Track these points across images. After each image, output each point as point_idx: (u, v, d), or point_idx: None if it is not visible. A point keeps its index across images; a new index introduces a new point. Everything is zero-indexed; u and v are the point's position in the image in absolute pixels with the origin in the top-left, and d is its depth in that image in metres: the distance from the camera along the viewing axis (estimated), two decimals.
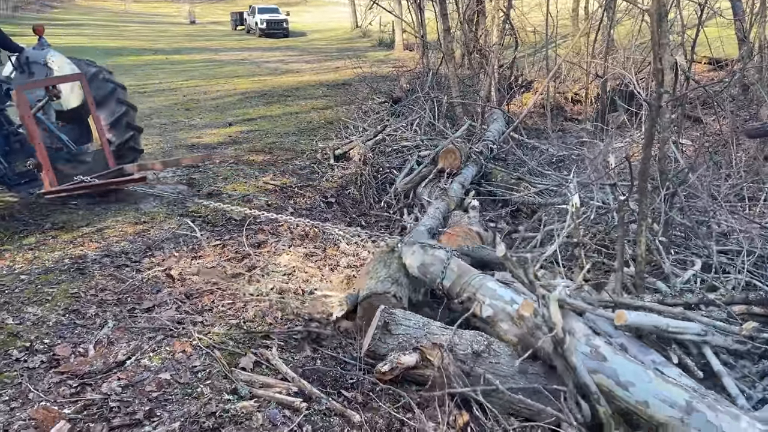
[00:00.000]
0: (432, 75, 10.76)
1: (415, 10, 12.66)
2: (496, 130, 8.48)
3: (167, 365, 3.17)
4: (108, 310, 3.79)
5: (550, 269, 4.66)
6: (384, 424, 3.01)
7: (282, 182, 7.00)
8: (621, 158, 5.16)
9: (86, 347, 3.32)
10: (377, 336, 3.37)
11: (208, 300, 3.98)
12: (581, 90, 14.01)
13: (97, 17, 44.97)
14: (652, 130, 3.62)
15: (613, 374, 2.96)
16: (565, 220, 5.31)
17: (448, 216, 5.66)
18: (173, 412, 2.76)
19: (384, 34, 31.34)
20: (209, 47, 28.26)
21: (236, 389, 2.98)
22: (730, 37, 11.75)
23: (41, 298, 3.86)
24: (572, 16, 16.49)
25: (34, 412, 2.68)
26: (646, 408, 2.81)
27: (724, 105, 8.05)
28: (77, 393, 2.88)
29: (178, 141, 8.81)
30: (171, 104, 12.25)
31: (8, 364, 3.11)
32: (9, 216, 5.43)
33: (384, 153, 8.16)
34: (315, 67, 19.93)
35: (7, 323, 3.51)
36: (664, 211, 4.35)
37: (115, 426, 2.64)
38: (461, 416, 3.10)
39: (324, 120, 10.89)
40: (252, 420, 2.73)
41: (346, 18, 40.82)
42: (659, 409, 2.77)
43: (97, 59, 20.16)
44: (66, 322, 3.60)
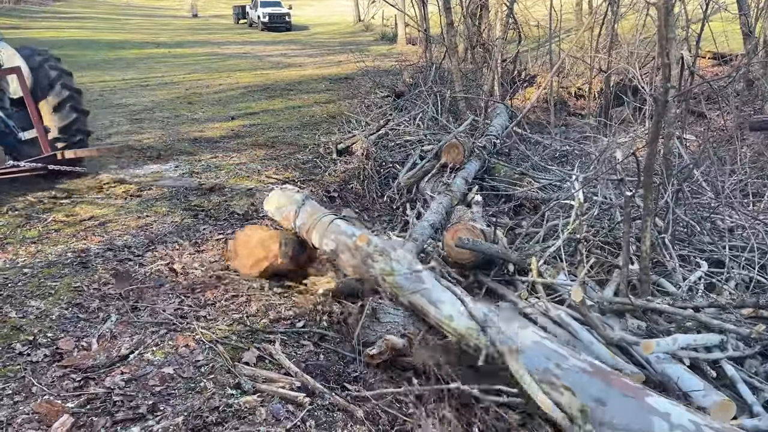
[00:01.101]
0: (435, 69, 10.70)
1: (419, 4, 12.60)
2: (500, 124, 8.45)
3: (170, 359, 3.17)
4: (111, 304, 3.79)
5: (553, 265, 4.65)
6: (387, 420, 3.01)
7: (285, 176, 6.98)
8: (627, 153, 5.13)
9: (89, 341, 3.31)
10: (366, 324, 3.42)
11: (211, 294, 3.98)
12: (584, 85, 13.96)
13: (99, 10, 44.77)
14: (658, 125, 3.59)
15: (428, 294, 3.39)
16: (569, 216, 5.30)
17: (451, 211, 5.64)
18: (176, 407, 2.75)
19: (387, 28, 31.23)
20: (211, 41, 28.16)
21: (239, 384, 2.97)
22: (735, 32, 11.71)
23: (44, 292, 3.86)
24: (576, 10, 16.41)
25: (37, 405, 2.68)
26: (451, 321, 3.22)
27: (729, 100, 8.01)
28: (80, 387, 2.88)
29: (181, 135, 8.79)
30: (173, 98, 12.22)
31: (11, 357, 3.11)
32: (12, 210, 5.43)
33: (387, 147, 8.14)
34: (317, 61, 19.87)
35: (10, 317, 3.51)
36: (670, 209, 4.33)
37: (119, 420, 2.64)
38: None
39: (326, 114, 10.87)
40: (255, 415, 2.72)
41: (348, 12, 40.65)
42: (461, 322, 3.18)
43: (99, 52, 20.10)
44: (69, 315, 3.60)
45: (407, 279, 3.46)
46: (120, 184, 6.29)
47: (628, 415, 2.43)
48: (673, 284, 4.35)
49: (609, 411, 2.45)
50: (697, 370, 3.54)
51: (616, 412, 2.45)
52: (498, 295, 4.59)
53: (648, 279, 4.15)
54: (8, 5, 41.06)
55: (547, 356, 2.80)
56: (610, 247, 5.05)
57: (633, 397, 2.50)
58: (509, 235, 5.44)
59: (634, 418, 2.40)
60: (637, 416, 2.40)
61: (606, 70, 11.67)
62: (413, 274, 3.45)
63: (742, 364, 3.55)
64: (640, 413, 2.41)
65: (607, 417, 2.45)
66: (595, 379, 2.61)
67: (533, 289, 4.44)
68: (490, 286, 4.60)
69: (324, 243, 4.00)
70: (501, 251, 4.47)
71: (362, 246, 3.65)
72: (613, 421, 2.43)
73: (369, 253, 3.60)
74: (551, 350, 2.82)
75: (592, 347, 3.70)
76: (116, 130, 8.96)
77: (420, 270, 3.49)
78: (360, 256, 3.64)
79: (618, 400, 2.49)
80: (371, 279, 3.61)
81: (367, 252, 3.61)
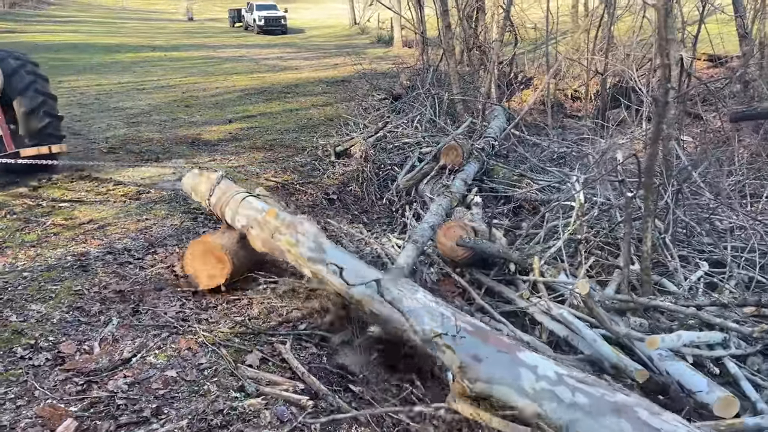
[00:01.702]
0: (432, 72, 10.72)
1: (415, 7, 12.61)
2: (497, 126, 8.45)
3: (173, 363, 3.16)
4: (112, 307, 3.78)
5: (554, 265, 4.66)
6: (390, 422, 3.01)
7: (284, 179, 6.98)
8: (628, 154, 5.15)
9: (91, 344, 3.30)
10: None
11: (213, 297, 3.97)
12: (581, 87, 14.00)
13: (94, 14, 44.79)
14: (659, 126, 3.60)
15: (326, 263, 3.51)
16: (569, 217, 5.31)
17: (451, 212, 5.64)
18: (180, 410, 2.74)
19: (382, 30, 31.32)
20: (207, 44, 28.17)
21: (243, 386, 2.96)
22: (731, 34, 11.76)
23: (45, 296, 3.84)
24: (571, 12, 16.47)
25: (40, 410, 2.66)
26: (350, 289, 3.33)
27: (726, 102, 8.04)
28: (83, 391, 2.87)
29: (178, 138, 8.77)
30: (170, 101, 12.21)
31: (13, 361, 3.09)
32: (10, 213, 5.41)
33: (385, 150, 8.14)
34: (314, 64, 19.89)
35: (11, 321, 3.49)
36: (670, 209, 4.34)
37: (123, 424, 2.63)
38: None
39: (324, 117, 10.87)
40: (260, 417, 2.72)
41: (343, 15, 40.75)
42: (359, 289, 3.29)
43: (95, 56, 20.09)
44: (70, 319, 3.58)
45: (310, 250, 3.61)
46: (118, 187, 6.27)
47: (501, 368, 2.68)
48: (674, 284, 4.36)
49: (484, 365, 2.70)
50: (700, 368, 3.56)
51: (490, 366, 2.69)
52: (498, 294, 4.60)
53: (649, 279, 4.16)
54: (2, 9, 41.01)
55: (432, 317, 3.00)
56: (610, 247, 5.06)
57: (506, 353, 2.74)
58: (509, 236, 5.44)
59: (505, 370, 2.66)
60: (508, 368, 2.66)
61: (602, 72, 11.69)
62: (316, 246, 3.60)
63: (744, 362, 3.56)
64: (511, 366, 2.66)
65: (482, 371, 2.69)
66: (474, 338, 2.84)
67: (534, 289, 4.45)
68: (490, 285, 4.61)
69: (236, 219, 4.17)
70: (501, 250, 4.48)
71: (270, 220, 3.82)
72: (486, 374, 2.68)
73: (276, 226, 3.77)
74: (438, 312, 3.03)
75: (596, 345, 3.70)
76: (113, 134, 8.93)
77: (324, 242, 3.65)
78: (268, 229, 3.82)
79: (492, 356, 2.73)
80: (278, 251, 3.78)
81: (275, 225, 3.78)
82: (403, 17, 13.92)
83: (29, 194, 5.99)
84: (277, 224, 3.77)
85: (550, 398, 2.52)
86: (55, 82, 14.24)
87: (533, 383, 2.58)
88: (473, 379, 2.71)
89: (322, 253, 3.55)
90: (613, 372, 3.62)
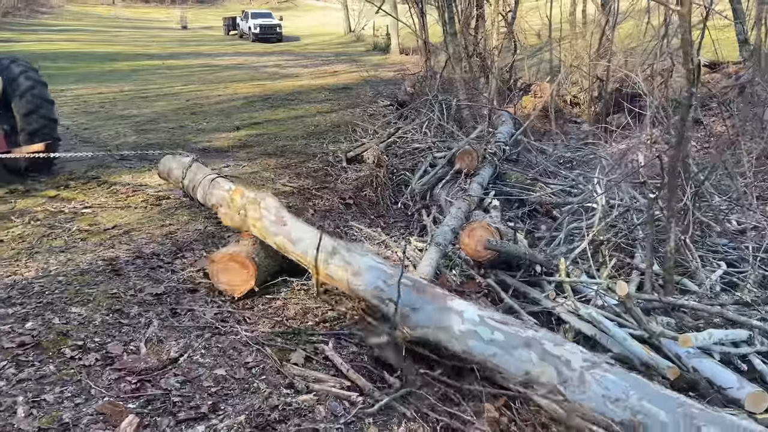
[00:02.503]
0: (438, 78, 10.86)
1: (418, 15, 12.77)
2: (506, 131, 8.58)
3: (220, 362, 3.22)
4: (150, 309, 3.83)
5: (577, 266, 4.76)
6: (434, 417, 3.08)
7: (299, 185, 7.05)
8: (651, 156, 5.27)
9: (137, 345, 3.35)
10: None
11: (249, 300, 4.03)
12: (580, 92, 14.19)
13: (88, 23, 44.71)
14: (683, 128, 3.72)
15: (288, 235, 3.99)
16: (585, 219, 5.42)
17: (469, 216, 5.73)
18: (236, 406, 2.81)
19: (378, 38, 31.48)
20: (203, 52, 28.22)
21: (292, 384, 3.04)
22: (727, 40, 11.99)
23: (83, 299, 3.89)
24: (570, 19, 16.68)
25: (100, 407, 2.72)
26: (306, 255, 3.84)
27: (731, 106, 8.21)
28: (137, 389, 2.92)
29: (189, 145, 8.82)
30: (175, 109, 12.26)
31: (64, 362, 3.14)
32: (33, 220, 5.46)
33: (396, 155, 8.25)
34: (313, 72, 19.99)
35: (54, 323, 3.54)
36: (689, 210, 4.45)
37: (182, 420, 2.69)
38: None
39: (330, 123, 10.96)
40: (315, 412, 2.79)
41: (337, 22, 40.90)
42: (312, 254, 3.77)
43: (93, 65, 20.11)
44: (111, 321, 3.64)
45: (272, 223, 4.06)
46: (138, 194, 6.32)
47: (434, 315, 3.21)
48: (695, 283, 4.47)
49: (420, 314, 3.24)
50: (727, 365, 3.65)
51: (425, 314, 3.23)
52: (523, 295, 4.69)
53: (672, 278, 4.27)
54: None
55: (378, 277, 3.50)
56: (628, 249, 5.18)
57: (438, 302, 3.26)
58: (527, 239, 5.54)
59: (437, 317, 3.19)
60: (440, 315, 3.19)
61: (603, 78, 11.87)
62: (278, 218, 4.07)
63: None
64: (442, 312, 3.19)
65: (419, 319, 3.24)
66: (412, 292, 3.34)
67: (559, 289, 4.55)
68: (516, 285, 4.70)
69: (208, 199, 4.67)
70: (528, 252, 4.58)
71: (236, 198, 4.27)
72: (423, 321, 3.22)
73: (243, 204, 4.22)
74: (382, 271, 3.54)
75: (626, 344, 3.80)
76: (123, 141, 8.98)
77: (285, 216, 4.10)
78: (235, 207, 4.27)
79: (427, 306, 3.26)
80: (246, 226, 4.24)
81: (241, 203, 4.23)
82: (405, 24, 14.04)
83: (50, 201, 6.03)
84: (243, 202, 4.23)
85: (473, 337, 3.03)
86: (57, 91, 14.27)
87: (460, 326, 3.09)
88: (412, 326, 3.26)
89: (282, 227, 4.03)
90: (643, 370, 3.71)
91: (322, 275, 3.79)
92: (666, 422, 2.45)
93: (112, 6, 57.38)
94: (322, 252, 3.74)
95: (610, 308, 4.23)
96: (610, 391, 2.60)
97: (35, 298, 3.88)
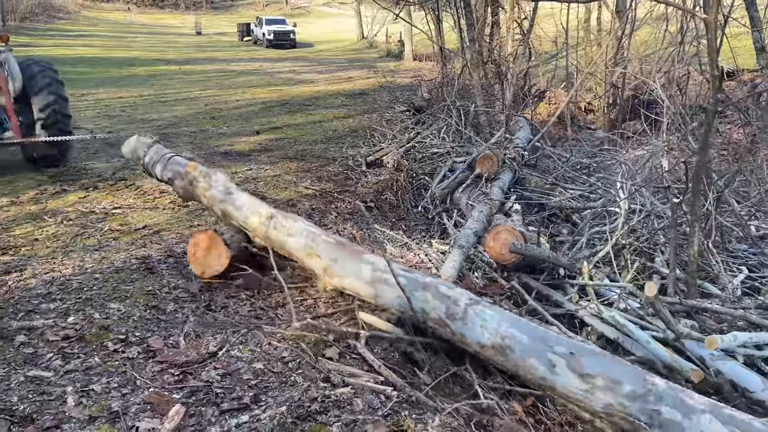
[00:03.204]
0: (456, 84, 10.97)
1: (434, 22, 12.89)
2: (524, 137, 8.67)
3: (258, 356, 3.32)
4: (185, 306, 3.95)
5: (599, 270, 4.84)
6: (465, 414, 3.16)
7: (320, 188, 7.17)
8: (675, 161, 5.34)
9: (176, 339, 3.46)
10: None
11: (279, 296, 4.14)
12: (595, 99, 14.25)
13: (104, 28, 45.29)
14: (707, 134, 3.79)
15: (233, 203, 4.46)
16: (607, 224, 5.50)
17: (491, 219, 5.82)
18: (277, 398, 2.91)
19: (391, 45, 31.68)
20: (219, 57, 28.56)
21: (329, 378, 3.13)
22: (743, 48, 12.01)
23: (121, 295, 4.01)
24: (584, 27, 16.75)
25: (147, 397, 2.82)
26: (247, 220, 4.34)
27: (748, 113, 8.25)
28: (180, 380, 3.03)
29: (211, 149, 9.00)
30: (195, 113, 12.46)
31: (107, 354, 3.25)
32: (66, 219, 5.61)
33: (415, 159, 8.35)
34: (328, 78, 20.18)
35: (95, 318, 3.66)
36: (712, 215, 4.52)
37: (226, 410, 2.79)
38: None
39: (348, 128, 11.10)
40: (353, 405, 2.88)
41: (351, 29, 41.18)
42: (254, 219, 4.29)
43: (111, 70, 20.44)
44: (149, 317, 3.75)
45: (220, 193, 4.52)
46: (165, 195, 6.47)
47: (350, 265, 3.85)
48: (717, 287, 4.53)
49: (338, 265, 3.88)
50: (751, 368, 3.71)
51: (343, 265, 3.87)
52: (545, 298, 4.77)
53: (695, 282, 4.34)
54: (14, 23, 41.45)
55: (307, 236, 4.06)
56: (649, 253, 5.24)
57: (355, 255, 3.90)
58: (550, 242, 5.62)
59: (352, 266, 3.83)
60: (355, 265, 3.83)
61: (619, 85, 11.93)
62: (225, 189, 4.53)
63: None
64: (356, 263, 3.83)
65: (337, 269, 3.88)
66: (333, 246, 3.97)
67: (582, 292, 4.62)
68: (539, 288, 4.78)
69: (164, 174, 5.16)
70: (551, 256, 4.65)
71: (190, 171, 4.73)
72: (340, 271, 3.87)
73: (195, 176, 4.68)
74: (311, 232, 4.10)
75: (649, 346, 3.86)
76: None
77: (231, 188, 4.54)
78: (188, 179, 4.73)
79: (345, 258, 3.89)
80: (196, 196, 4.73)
81: (193, 176, 4.69)
82: (421, 31, 14.17)
83: (80, 201, 6.19)
84: (196, 174, 4.68)
85: (382, 282, 3.65)
86: (78, 95, 14.58)
87: (371, 273, 3.72)
88: (332, 276, 3.90)
89: (230, 195, 4.50)
90: (666, 372, 3.77)
91: (262, 237, 4.28)
92: (527, 344, 3.08)
93: (128, 12, 58.00)
94: (262, 217, 4.26)
95: (633, 311, 4.30)
96: (486, 321, 3.23)
97: (74, 294, 4.01)
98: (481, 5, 13.19)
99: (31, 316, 3.64)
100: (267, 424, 2.67)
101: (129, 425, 2.62)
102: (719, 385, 3.59)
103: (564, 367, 2.90)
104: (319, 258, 3.93)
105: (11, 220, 5.60)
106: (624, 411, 2.67)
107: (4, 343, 3.29)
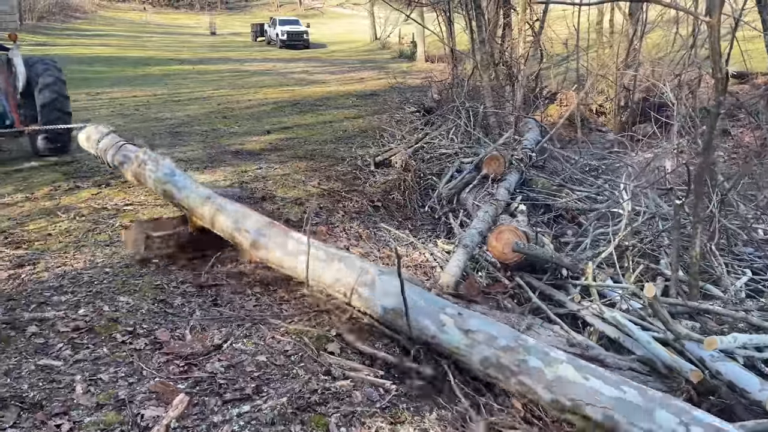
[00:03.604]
0: (466, 85, 11.02)
1: (446, 23, 12.95)
2: (532, 138, 8.70)
3: (261, 349, 3.41)
4: (192, 300, 4.04)
5: (602, 270, 4.87)
6: (462, 408, 3.22)
7: (329, 187, 7.24)
8: (678, 163, 5.36)
9: (183, 332, 3.56)
10: None
11: (285, 292, 4.22)
12: (606, 102, 14.22)
13: (120, 28, 45.74)
14: (710, 136, 3.82)
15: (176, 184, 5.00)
16: (611, 225, 5.52)
17: (496, 220, 5.87)
18: (278, 389, 2.99)
19: (403, 46, 31.77)
20: (232, 58, 28.77)
21: (330, 371, 3.20)
22: (757, 51, 11.95)
23: (130, 289, 4.12)
24: (596, 29, 16.72)
25: (153, 386, 2.92)
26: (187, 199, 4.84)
27: (759, 116, 8.23)
28: (185, 371, 3.12)
29: (222, 147, 9.10)
30: (207, 112, 12.58)
31: (115, 345, 3.35)
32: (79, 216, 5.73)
33: (423, 160, 8.41)
34: (340, 78, 20.28)
35: (104, 310, 3.76)
36: (715, 218, 4.54)
37: (228, 400, 2.87)
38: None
39: (358, 129, 11.17)
40: (352, 397, 2.95)
41: (363, 30, 41.30)
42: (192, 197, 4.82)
43: (126, 69, 20.64)
44: (157, 310, 3.85)
45: (165, 174, 5.06)
46: None
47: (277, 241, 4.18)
48: (720, 289, 4.55)
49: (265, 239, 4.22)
50: (751, 369, 3.73)
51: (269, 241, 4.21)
52: (548, 298, 4.81)
53: (697, 284, 4.35)
54: (31, 23, 41.97)
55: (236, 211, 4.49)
56: (652, 255, 5.26)
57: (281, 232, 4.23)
58: (554, 243, 5.65)
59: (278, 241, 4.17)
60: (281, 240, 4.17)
61: (630, 87, 11.92)
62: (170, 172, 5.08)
63: None
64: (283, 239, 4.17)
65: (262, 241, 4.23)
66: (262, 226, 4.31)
67: (585, 293, 4.66)
68: (542, 288, 4.82)
69: (115, 159, 5.88)
70: (554, 256, 4.69)
71: (140, 155, 5.35)
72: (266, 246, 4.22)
73: (144, 160, 5.28)
74: (241, 213, 4.47)
75: (650, 347, 3.89)
76: (159, 142, 9.26)
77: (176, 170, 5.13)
78: (137, 162, 5.34)
79: (273, 235, 4.23)
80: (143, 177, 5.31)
81: (142, 159, 5.29)
82: (432, 32, 14.23)
83: (92, 198, 6.31)
84: (144, 158, 5.29)
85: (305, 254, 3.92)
86: (93, 94, 14.79)
87: (296, 247, 4.06)
88: (258, 249, 4.25)
89: (173, 177, 5.03)
90: (666, 372, 3.80)
91: (197, 214, 4.70)
92: (422, 305, 3.47)
93: (143, 12, 58.56)
94: (199, 197, 4.73)
95: (635, 312, 4.33)
96: (387, 289, 3.57)
97: (85, 287, 4.12)
98: (492, 7, 13.23)
99: (43, 308, 3.75)
100: (267, 414, 2.75)
101: (134, 412, 2.71)
102: (716, 386, 3.61)
103: (452, 325, 3.32)
104: (248, 234, 4.31)
105: (26, 215, 5.72)
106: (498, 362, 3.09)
107: (16, 334, 3.39)
